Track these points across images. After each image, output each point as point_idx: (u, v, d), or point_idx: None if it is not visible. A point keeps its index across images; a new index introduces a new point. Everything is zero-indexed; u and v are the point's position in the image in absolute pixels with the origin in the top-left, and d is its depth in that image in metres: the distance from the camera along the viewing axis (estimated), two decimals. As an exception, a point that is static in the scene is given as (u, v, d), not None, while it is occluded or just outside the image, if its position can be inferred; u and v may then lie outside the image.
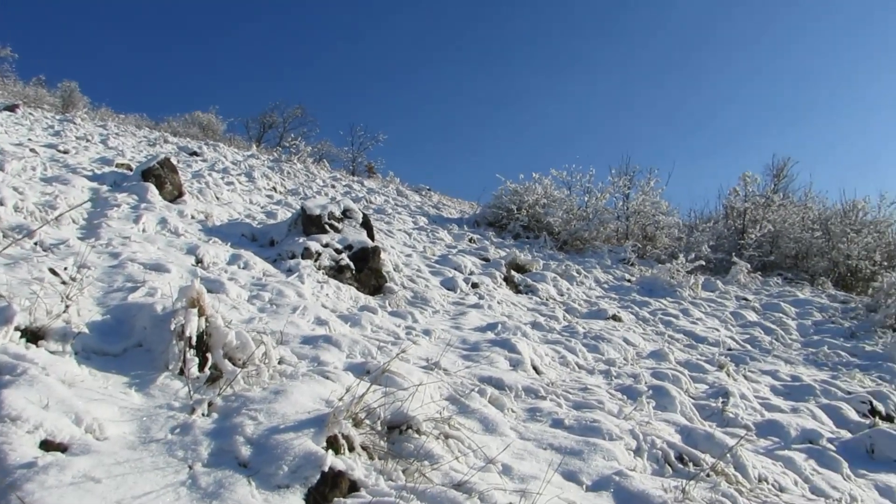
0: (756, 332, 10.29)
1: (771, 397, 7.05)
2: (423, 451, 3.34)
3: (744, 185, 17.31)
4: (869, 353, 9.89)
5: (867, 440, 5.67)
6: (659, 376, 6.46)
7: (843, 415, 6.76)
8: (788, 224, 17.09)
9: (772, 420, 5.98)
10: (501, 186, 16.70)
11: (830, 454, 5.32)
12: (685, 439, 4.78)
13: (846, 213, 17.27)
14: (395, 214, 14.88)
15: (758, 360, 8.67)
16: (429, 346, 5.83)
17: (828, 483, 4.81)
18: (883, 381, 8.65)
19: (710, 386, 6.74)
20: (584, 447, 4.03)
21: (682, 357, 7.92)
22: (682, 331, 9.60)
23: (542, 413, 4.66)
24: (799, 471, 4.89)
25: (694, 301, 11.86)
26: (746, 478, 4.35)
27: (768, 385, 7.58)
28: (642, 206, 16.80)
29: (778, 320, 11.25)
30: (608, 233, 16.70)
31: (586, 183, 17.25)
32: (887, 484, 5.09)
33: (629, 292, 11.87)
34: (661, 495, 3.48)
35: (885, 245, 16.44)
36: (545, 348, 6.72)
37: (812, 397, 7.27)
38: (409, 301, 7.72)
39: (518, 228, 15.71)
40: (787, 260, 16.91)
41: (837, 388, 7.69)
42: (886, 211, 17.37)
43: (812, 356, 9.47)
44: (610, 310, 9.68)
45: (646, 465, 4.18)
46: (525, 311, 8.73)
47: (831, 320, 11.83)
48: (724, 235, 17.16)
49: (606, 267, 13.96)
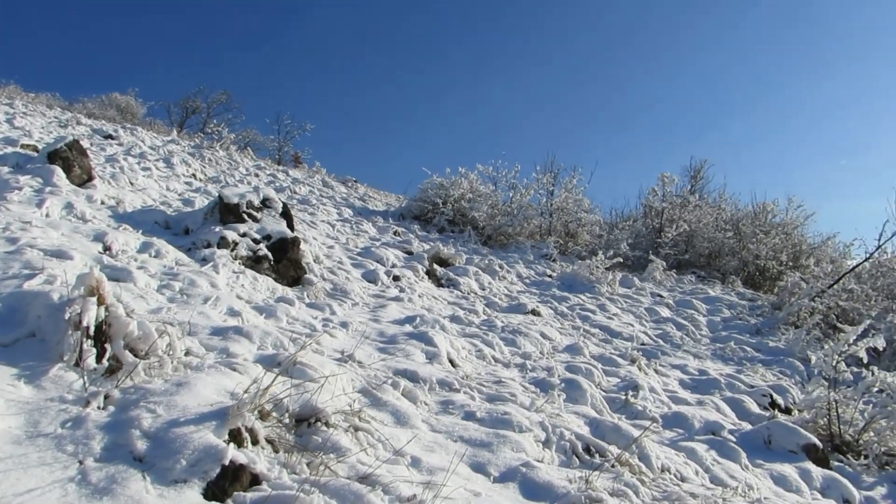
0: (668, 328, 10.65)
1: (679, 390, 7.31)
2: (330, 443, 3.31)
3: (662, 186, 17.86)
4: (772, 349, 10.39)
5: (765, 432, 5.96)
6: (573, 370, 6.60)
7: (745, 407, 7.08)
8: (703, 224, 17.74)
9: (678, 412, 6.21)
10: (428, 180, 16.71)
11: (731, 445, 5.56)
12: (593, 431, 4.91)
13: (756, 215, 18.06)
14: (319, 205, 14.68)
15: (668, 355, 8.98)
16: (345, 339, 5.78)
17: (727, 473, 5.03)
18: (783, 376, 9.10)
19: (621, 379, 6.93)
20: (493, 439, 4.08)
21: (596, 351, 8.12)
22: (598, 326, 9.85)
23: (454, 406, 4.69)
24: (700, 461, 5.10)
25: (611, 297, 12.18)
26: (650, 468, 4.49)
27: (677, 379, 7.87)
28: (565, 203, 17.12)
29: (689, 317, 11.68)
30: (532, 229, 16.94)
31: (512, 179, 17.45)
32: (781, 473, 5.37)
33: (550, 287, 12.08)
34: (565, 486, 3.56)
35: (792, 246, 17.27)
36: (463, 342, 6.77)
37: (717, 391, 7.58)
38: (329, 293, 7.64)
39: (443, 222, 15.76)
40: (701, 259, 17.56)
41: (741, 382, 8.04)
42: (793, 214, 18.26)
43: (720, 351, 9.88)
44: (530, 304, 9.82)
45: (554, 457, 4.27)
46: (445, 305, 8.77)
47: (739, 317, 12.37)
48: (642, 234, 17.67)
49: (529, 262, 14.17)
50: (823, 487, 5.35)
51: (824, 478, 5.45)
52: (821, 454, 5.83)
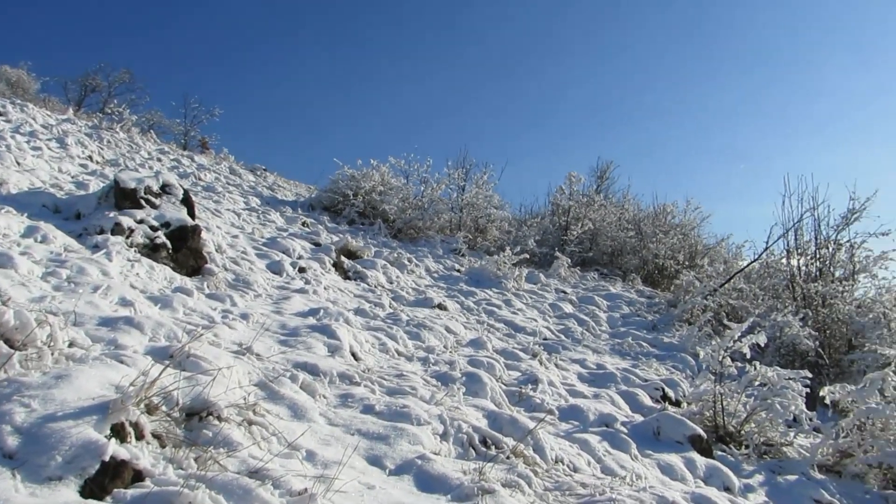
0: (570, 324, 10.96)
1: (577, 384, 7.54)
2: (221, 438, 3.23)
3: (569, 185, 18.36)
4: (667, 345, 10.86)
5: (655, 423, 6.22)
6: (475, 364, 6.69)
7: (639, 400, 7.38)
8: (607, 223, 18.34)
9: (575, 405, 6.40)
10: (339, 171, 16.51)
11: (622, 436, 5.78)
12: (491, 424, 4.99)
13: (657, 216, 18.83)
14: (225, 193, 14.26)
15: (569, 350, 9.24)
16: (245, 331, 5.64)
17: (617, 463, 5.23)
18: (676, 370, 9.54)
19: (522, 373, 7.07)
20: (391, 432, 4.08)
21: (500, 346, 8.26)
22: (503, 320, 10.02)
23: (354, 399, 4.66)
24: (593, 452, 5.27)
25: (517, 292, 12.41)
26: (544, 459, 4.62)
27: (576, 373, 8.10)
28: (476, 199, 17.30)
29: (591, 313, 12.05)
30: (442, 223, 17.04)
31: (423, 173, 17.49)
32: (668, 462, 5.62)
33: (457, 282, 12.19)
34: (459, 477, 3.61)
35: (689, 246, 18.10)
36: (367, 335, 6.75)
37: (613, 384, 7.85)
38: (230, 284, 7.44)
39: (353, 214, 15.63)
40: (605, 256, 18.16)
41: (636, 375, 8.36)
42: (691, 215, 19.16)
43: (618, 346, 10.24)
44: (436, 298, 9.89)
45: (451, 449, 4.32)
46: (351, 298, 8.70)
47: (637, 314, 12.86)
48: (549, 231, 18.09)
49: (438, 256, 14.26)
50: (706, 476, 5.64)
51: (707, 467, 5.75)
52: (705, 444, 6.15)
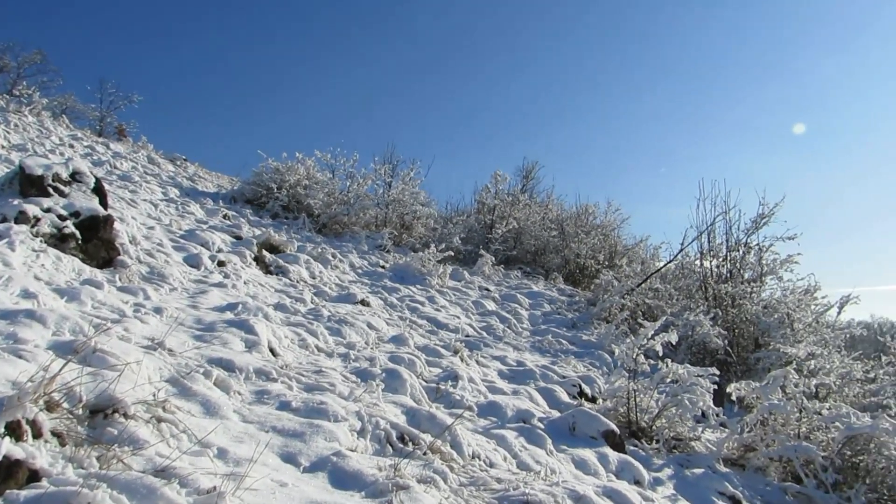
0: (493, 321, 11.09)
1: (497, 381, 7.63)
2: (127, 435, 3.12)
3: (495, 184, 18.56)
4: (585, 342, 11.13)
5: (570, 419, 6.37)
6: (396, 360, 6.68)
7: (557, 397, 7.53)
8: (531, 222, 18.64)
9: (493, 401, 6.48)
10: (263, 163, 16.19)
11: (538, 432, 5.89)
12: (410, 420, 5.00)
13: (579, 216, 19.28)
14: (142, 183, 13.76)
15: (491, 347, 9.35)
16: (158, 325, 5.47)
17: (533, 458, 5.32)
18: (593, 367, 9.79)
19: (443, 370, 7.11)
20: (307, 429, 4.03)
21: (422, 342, 8.28)
22: (426, 317, 10.04)
23: (270, 395, 4.58)
24: (510, 447, 5.35)
25: (441, 289, 12.46)
26: (461, 455, 4.66)
27: (496, 369, 8.21)
28: (402, 195, 17.28)
29: (513, 310, 12.23)
30: (368, 219, 16.95)
31: (350, 168, 17.34)
32: (582, 457, 5.76)
33: (382, 278, 12.15)
34: (374, 474, 3.60)
35: (609, 247, 18.61)
36: (286, 330, 6.64)
37: (532, 381, 8.00)
38: (144, 277, 7.18)
39: (277, 208, 15.36)
40: (528, 255, 18.45)
41: (555, 372, 8.53)
42: (612, 216, 19.71)
43: (538, 344, 10.43)
44: (360, 294, 9.82)
45: (368, 446, 4.30)
46: (272, 293, 8.55)
47: (558, 312, 13.13)
48: (475, 229, 18.25)
49: (363, 252, 14.17)
50: (618, 470, 5.81)
51: (619, 461, 5.93)
52: (618, 439, 6.33)
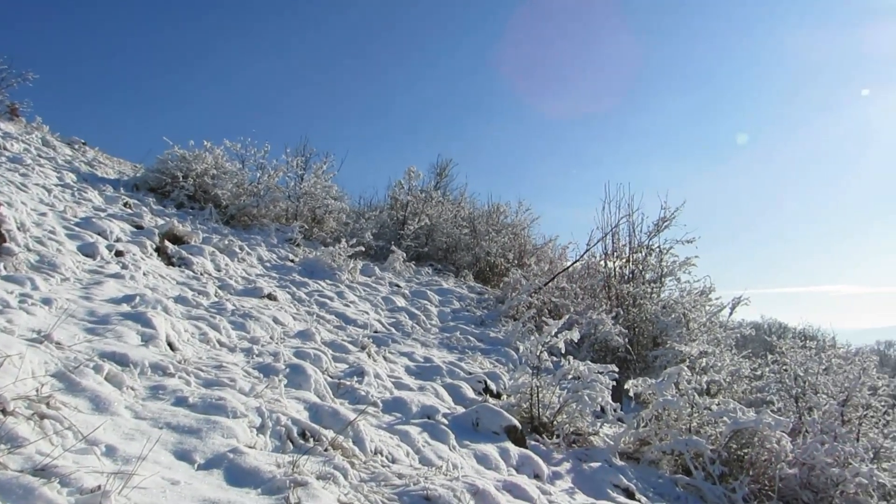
0: (402, 317, 11.10)
1: (404, 377, 7.65)
2: (4, 433, 2.95)
3: (408, 180, 18.55)
4: (492, 339, 11.30)
5: (474, 415, 6.46)
6: (301, 355, 6.59)
7: (462, 393, 7.62)
8: (443, 219, 18.76)
9: (399, 397, 6.49)
10: (169, 151, 15.54)
11: (442, 428, 5.94)
12: (312, 416, 4.95)
13: (490, 215, 19.53)
14: (35, 167, 12.96)
15: (399, 343, 9.36)
16: (46, 317, 5.18)
17: (436, 453, 5.37)
18: (499, 364, 9.96)
19: (350, 366, 7.07)
20: (203, 425, 3.93)
21: (329, 338, 8.20)
22: (334, 312, 9.95)
23: (166, 391, 4.43)
24: (413, 443, 5.38)
25: (351, 285, 12.38)
26: (363, 450, 4.65)
27: (404, 366, 8.23)
28: (314, 188, 17.01)
29: (423, 307, 12.28)
30: (278, 211, 16.60)
31: (261, 159, 16.88)
32: (484, 452, 5.86)
33: (290, 272, 11.95)
34: (272, 471, 3.55)
35: (519, 245, 18.92)
36: (186, 324, 6.43)
37: (439, 377, 8.06)
38: (33, 265, 6.79)
39: (183, 197, 14.82)
40: (440, 252, 18.56)
41: (462, 369, 8.63)
42: (522, 216, 20.04)
43: (446, 340, 10.52)
44: (267, 288, 9.63)
45: (267, 442, 4.23)
46: (173, 285, 8.25)
47: (467, 309, 13.28)
48: (387, 225, 18.20)
49: (272, 245, 13.88)
50: (519, 464, 5.95)
51: (520, 456, 6.06)
52: (519, 435, 6.47)
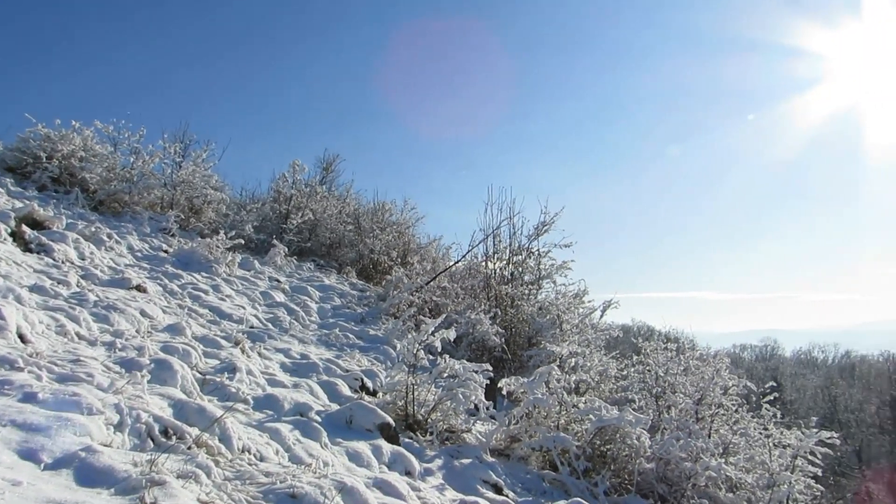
0: (280, 313, 10.87)
1: (278, 373, 7.51)
2: None
3: (293, 173, 18.18)
4: (372, 337, 11.28)
5: (348, 412, 6.44)
6: (169, 350, 6.33)
7: (338, 390, 7.57)
8: (328, 215, 18.52)
9: (272, 395, 6.37)
10: (31, 129, 14.45)
11: (315, 425, 5.88)
12: (177, 413, 4.76)
13: (376, 212, 19.47)
14: None
15: (275, 339, 9.17)
16: None
17: (307, 451, 5.31)
18: (377, 362, 9.95)
19: (221, 361, 6.86)
20: (54, 423, 3.68)
21: (200, 332, 7.93)
22: (208, 306, 9.61)
23: (13, 386, 4.12)
24: (283, 441, 5.29)
25: (228, 278, 12.00)
26: (230, 449, 4.52)
27: (279, 362, 8.07)
28: (192, 176, 16.31)
29: (302, 303, 12.08)
30: (153, 199, 15.80)
31: (135, 143, 15.97)
32: (356, 450, 5.85)
33: (163, 263, 11.42)
34: (127, 469, 3.39)
35: (403, 244, 18.98)
36: (42, 315, 6.03)
37: (315, 374, 7.96)
38: None
39: (45, 179, 13.81)
40: (323, 248, 18.31)
41: (339, 366, 8.57)
42: (408, 214, 20.12)
43: (325, 337, 10.40)
44: (136, 279, 9.15)
45: (126, 440, 4.03)
46: (29, 273, 7.68)
47: (348, 306, 13.18)
48: (269, 218, 17.75)
49: (144, 234, 13.22)
50: (391, 461, 5.98)
51: (393, 453, 6.10)
52: (393, 432, 6.50)
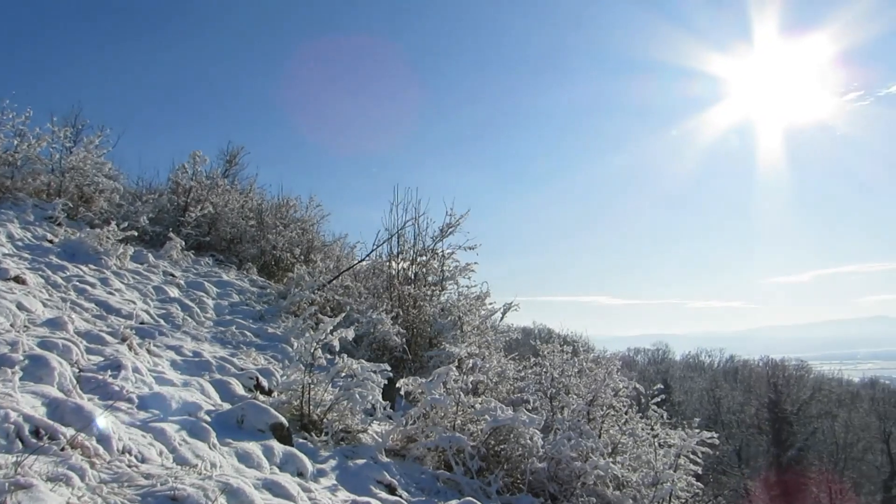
0: (173, 308, 10.46)
1: (168, 371, 7.23)
2: None
3: (193, 164, 17.53)
4: (270, 335, 11.05)
5: (239, 412, 6.27)
6: (47, 346, 5.96)
7: (231, 389, 7.36)
8: (229, 209, 17.96)
9: (159, 393, 6.13)
10: None
11: (203, 425, 5.70)
12: (51, 413, 4.50)
13: (280, 208, 19.04)
14: None
15: (167, 336, 8.82)
16: None
17: (193, 452, 5.13)
18: (275, 360, 9.75)
19: (106, 358, 6.53)
20: None
21: (84, 327, 7.52)
22: (95, 300, 9.13)
23: None
24: (168, 441, 5.10)
25: (119, 271, 11.45)
26: (108, 450, 4.32)
27: (169, 360, 7.78)
28: (83, 163, 15.46)
29: (198, 299, 11.67)
30: (38, 185, 14.88)
31: (20, 125, 15.01)
32: (247, 450, 5.71)
33: (47, 254, 10.78)
34: (-11, 473, 3.18)
35: (307, 241, 18.65)
36: None
37: (208, 373, 7.72)
38: None
39: (-85, 159, 12.81)
40: (223, 243, 17.74)
41: (234, 365, 8.34)
42: (312, 212, 19.78)
43: (220, 335, 10.10)
44: (14, 270, 8.59)
45: (-9, 442, 3.78)
46: None
47: (247, 303, 12.84)
48: (166, 210, 17.03)
49: (28, 223, 12.43)
50: (282, 462, 5.87)
51: (285, 453, 5.99)
52: (285, 432, 6.38)
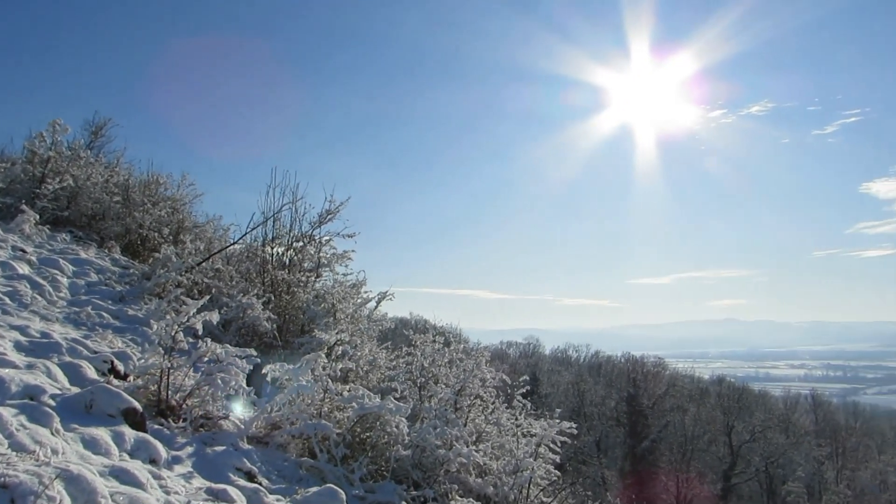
0: (22, 286, 9.72)
1: (10, 353, 6.73)
2: None
3: (52, 133, 16.33)
4: (131, 317, 10.52)
5: (88, 396, 5.94)
6: None
7: (82, 373, 6.96)
8: (92, 183, 16.88)
9: (-4, 376, 5.70)
10: None
11: (46, 410, 5.36)
12: None
13: (148, 185, 18.10)
14: None
15: (11, 315, 8.23)
16: None
17: (33, 438, 4.82)
18: (134, 343, 9.31)
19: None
20: None
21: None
22: (-72, 274, 8.37)
23: None
24: (4, 427, 4.76)
25: (-41, 244, 10.52)
26: (-73, 437, 3.98)
27: (13, 340, 7.25)
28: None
29: (52, 277, 10.92)
30: None
31: None
32: (94, 436, 5.43)
33: None
34: None
35: (177, 221, 17.84)
36: None
37: (57, 355, 7.25)
38: None
39: None
40: (84, 218, 16.65)
41: (87, 347, 7.88)
42: (185, 191, 18.92)
43: (74, 315, 9.51)
44: None
45: None
46: None
47: (106, 283, 12.15)
48: (20, 180, 15.79)
49: None
50: (134, 449, 5.62)
51: (137, 440, 5.74)
52: (139, 418, 6.11)
